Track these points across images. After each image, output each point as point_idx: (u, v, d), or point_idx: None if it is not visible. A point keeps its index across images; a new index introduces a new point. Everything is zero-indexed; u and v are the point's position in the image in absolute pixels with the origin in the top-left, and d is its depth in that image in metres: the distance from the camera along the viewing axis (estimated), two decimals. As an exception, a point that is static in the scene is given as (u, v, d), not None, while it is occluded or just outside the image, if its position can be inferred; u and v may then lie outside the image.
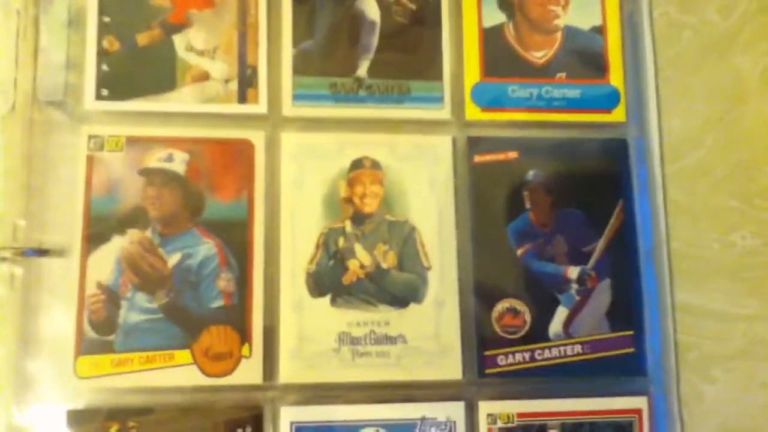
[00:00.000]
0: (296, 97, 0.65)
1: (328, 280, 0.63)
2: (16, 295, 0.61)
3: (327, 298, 0.62)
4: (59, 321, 0.60)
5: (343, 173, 0.65)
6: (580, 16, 0.71)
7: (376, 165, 0.65)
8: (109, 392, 0.59)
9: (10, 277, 0.61)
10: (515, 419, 0.62)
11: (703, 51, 0.73)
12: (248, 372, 0.60)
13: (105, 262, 0.61)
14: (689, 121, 0.72)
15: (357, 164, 0.65)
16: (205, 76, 0.65)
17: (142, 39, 0.65)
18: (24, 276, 0.61)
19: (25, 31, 0.64)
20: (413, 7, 0.68)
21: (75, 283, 0.60)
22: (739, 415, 0.67)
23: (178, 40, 0.65)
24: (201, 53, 0.65)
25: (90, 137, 0.63)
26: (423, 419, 0.61)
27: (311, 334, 0.61)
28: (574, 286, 0.65)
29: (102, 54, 0.64)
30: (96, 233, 0.61)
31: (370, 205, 0.65)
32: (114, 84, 0.63)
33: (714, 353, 0.69)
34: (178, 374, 0.59)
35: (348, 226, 0.64)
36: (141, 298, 0.61)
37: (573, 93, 0.69)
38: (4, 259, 0.61)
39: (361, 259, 0.63)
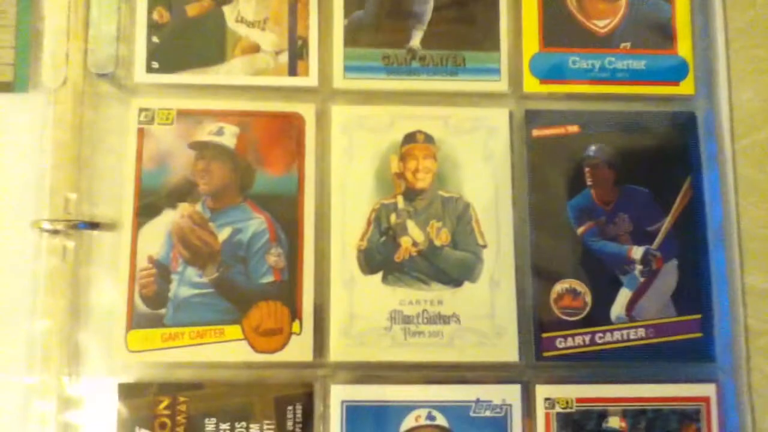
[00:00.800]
0: (347, 69, 0.63)
1: (380, 256, 0.61)
2: (68, 268, 0.61)
3: (378, 276, 0.61)
4: (110, 294, 0.60)
5: (395, 147, 0.63)
6: (645, -17, 0.67)
7: (429, 139, 0.63)
8: (160, 366, 0.59)
9: (62, 249, 0.61)
10: (574, 404, 0.59)
11: (779, 18, 0.68)
12: (298, 349, 0.59)
13: (156, 236, 0.60)
14: (761, 93, 0.68)
15: (409, 138, 0.63)
16: (255, 48, 0.63)
17: (192, 9, 0.63)
18: (75, 249, 0.61)
19: (76, 4, 0.64)
20: (468, -25, 0.66)
21: (126, 256, 0.60)
22: (813, 407, 0.64)
23: (228, 11, 0.64)
24: (251, 24, 0.64)
25: (140, 110, 0.62)
26: (477, 401, 0.59)
27: (362, 312, 0.60)
28: (638, 266, 0.61)
29: (152, 26, 0.63)
30: (146, 207, 0.61)
31: (422, 181, 0.62)
32: (164, 56, 0.63)
33: (787, 340, 0.65)
34: (228, 350, 0.59)
35: (400, 201, 0.62)
36: (191, 273, 0.60)
37: (638, 64, 0.65)
38: (56, 232, 0.61)
39: (413, 235, 0.61)
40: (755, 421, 0.62)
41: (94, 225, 0.61)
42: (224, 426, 0.58)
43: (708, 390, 0.60)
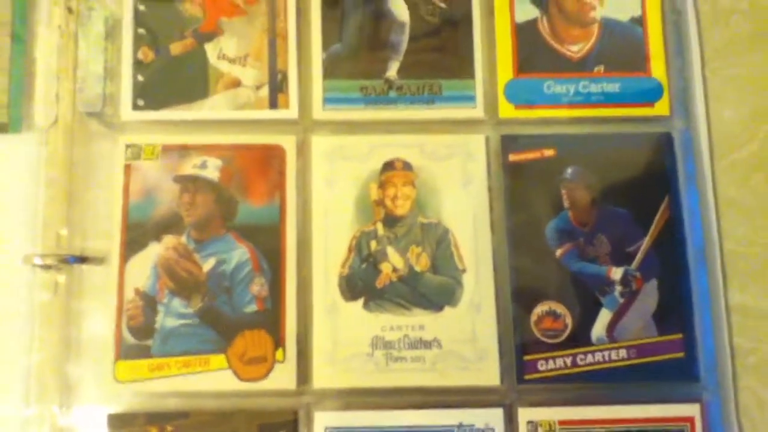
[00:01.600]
0: (327, 101, 0.65)
1: (361, 283, 0.62)
2: (59, 301, 0.63)
3: (360, 302, 0.61)
4: (99, 326, 0.61)
5: (375, 175, 0.64)
6: (618, 7, 0.68)
7: (407, 166, 0.64)
8: (148, 396, 0.60)
9: (54, 284, 0.64)
10: (557, 427, 0.59)
11: (754, 36, 0.69)
12: (282, 376, 0.60)
13: (142, 268, 0.62)
14: (740, 111, 0.68)
15: (388, 166, 0.64)
16: (236, 83, 0.66)
17: (176, 48, 0.66)
18: (66, 283, 0.63)
19: (66, 45, 0.67)
20: (443, 5, 0.67)
21: (114, 289, 0.62)
22: (805, 424, 0.63)
23: (210, 49, 0.66)
24: (232, 61, 0.66)
25: (127, 146, 0.64)
26: (460, 426, 0.59)
27: (345, 338, 0.61)
28: (618, 287, 0.62)
29: (137, 64, 0.66)
30: (133, 240, 0.62)
31: (402, 207, 0.64)
32: (149, 94, 0.65)
33: (775, 358, 0.64)
34: (213, 379, 0.60)
35: (380, 228, 0.63)
36: (177, 304, 0.61)
37: (612, 87, 0.66)
38: (48, 267, 0.63)
39: (393, 262, 0.62)
40: (744, 442, 0.62)
41: (83, 259, 0.63)
42: (210, 454, 0.59)
43: (692, 410, 0.60)
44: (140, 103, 0.65)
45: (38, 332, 0.62)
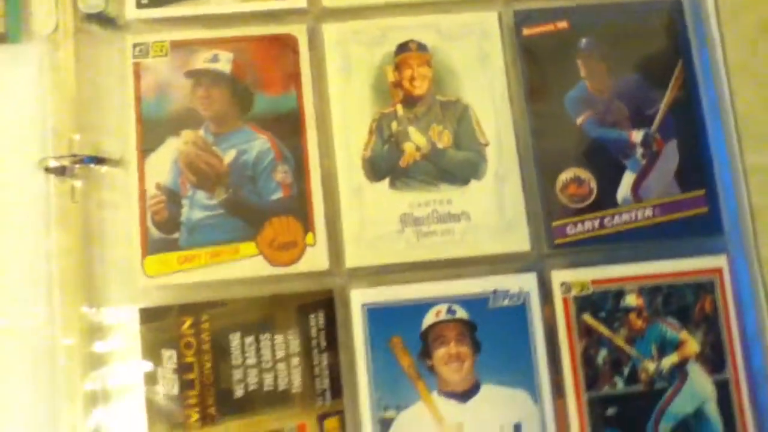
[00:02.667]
0: (335, -14, 0.64)
1: (385, 164, 0.61)
2: (78, 208, 0.62)
3: (386, 182, 0.61)
4: (123, 225, 0.60)
5: (389, 58, 0.63)
6: None
7: (422, 47, 0.64)
8: (180, 288, 0.59)
9: (70, 190, 0.62)
10: (590, 287, 0.60)
11: None
12: (314, 259, 0.60)
13: (162, 164, 0.61)
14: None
15: (402, 48, 0.63)
16: (242, -26, 0.64)
17: (177, -59, 0.64)
18: (84, 187, 0.62)
19: (62, -55, 0.65)
20: None
21: (135, 187, 0.60)
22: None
23: (212, -59, 0.65)
24: (235, -49, 0.65)
25: (134, 45, 0.63)
26: (495, 292, 0.60)
27: (373, 218, 0.60)
28: (640, 149, 0.62)
29: (138, -39, 0.64)
30: (150, 137, 0.61)
31: (420, 87, 0.63)
32: (153, -10, 0.64)
33: (793, 213, 0.66)
34: (245, 266, 0.59)
35: (399, 109, 0.63)
36: (201, 196, 0.60)
37: (619, -44, 0.66)
38: (63, 172, 0.61)
39: (415, 140, 0.62)
40: (768, 294, 0.64)
41: (100, 160, 0.61)
42: (249, 339, 0.58)
43: (719, 261, 0.61)
44: (144, 0, 0.64)
45: (59, 239, 0.61)
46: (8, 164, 0.63)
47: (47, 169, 0.61)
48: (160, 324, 0.58)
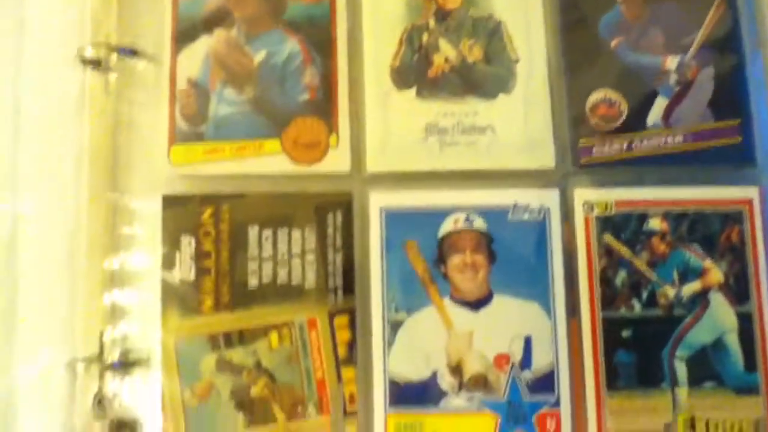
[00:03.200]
0: None
1: (413, 73, 0.61)
2: (111, 100, 0.64)
3: (413, 91, 0.61)
4: (153, 117, 0.62)
5: (424, -28, 0.64)
6: None
7: (458, -38, 0.64)
8: (203, 179, 0.60)
9: (105, 82, 0.64)
10: (613, 208, 0.59)
11: None
12: (336, 161, 0.60)
13: (194, 59, 0.62)
14: None
15: (438, -38, 0.64)
16: None
17: None
18: (118, 81, 0.64)
19: None
20: None
21: (166, 81, 0.62)
22: None
23: None
24: None
25: (174, -55, 0.65)
26: (515, 205, 0.59)
27: (398, 126, 0.60)
28: (674, 76, 0.61)
29: None
30: (184, 33, 0.62)
31: (453, 2, 0.63)
32: None
33: (830, 155, 0.64)
34: (267, 162, 0.60)
35: (431, 22, 0.63)
36: (229, 93, 0.61)
37: None
38: (98, 64, 0.63)
39: (445, 52, 0.62)
40: (799, 231, 0.62)
41: (135, 52, 0.63)
42: (266, 233, 0.59)
43: (751, 192, 0.59)
44: None
45: (92, 129, 0.62)
46: (47, 55, 0.65)
47: (84, 61, 0.64)
48: (182, 211, 0.59)
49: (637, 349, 0.57)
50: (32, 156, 0.63)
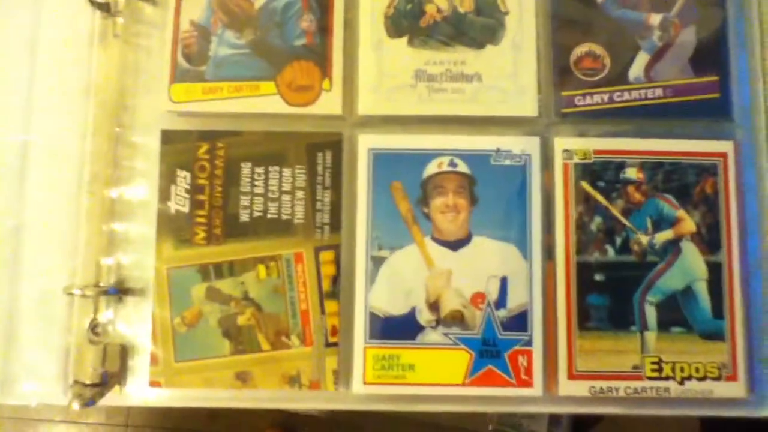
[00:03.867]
0: None
1: (406, 22, 0.64)
2: (118, 42, 0.66)
3: (404, 39, 0.64)
4: (157, 57, 0.65)
5: (422, -73, 0.66)
6: None
7: None
8: (200, 117, 0.63)
9: (113, 24, 0.67)
10: (592, 155, 0.61)
11: None
12: (329, 103, 0.63)
13: (197, 3, 0.64)
14: None
15: None
16: None
17: None
18: (125, 23, 0.66)
19: None
20: None
21: (170, 22, 0.64)
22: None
23: None
24: None
25: None
26: (498, 151, 0.61)
27: (389, 71, 0.63)
28: (657, 32, 0.63)
29: None
30: (189, -21, 0.66)
31: (447, -44, 0.66)
32: None
33: (809, 115, 0.65)
34: (263, 102, 0.62)
35: (426, -26, 0.65)
36: (230, 35, 0.64)
37: None
38: (107, 8, 0.66)
39: (438, 3, 0.64)
40: (775, 188, 0.64)
41: (141, -5, 0.66)
42: (259, 169, 0.62)
43: (726, 146, 0.61)
44: None
45: (100, 69, 0.65)
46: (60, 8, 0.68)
47: (93, 3, 0.66)
48: (179, 146, 0.62)
49: (609, 293, 0.60)
50: (44, 91, 0.66)
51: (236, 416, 1.53)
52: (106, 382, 0.62)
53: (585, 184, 0.61)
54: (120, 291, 0.63)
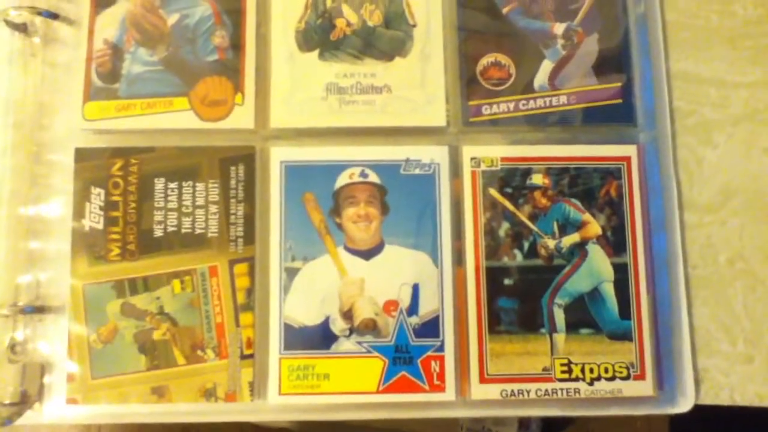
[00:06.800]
0: None
1: (317, 36, 0.65)
2: (35, 61, 0.67)
3: (315, 53, 0.65)
4: (70, 76, 0.65)
5: (332, -57, 0.67)
6: None
7: (363, -66, 0.68)
8: (114, 134, 0.64)
9: (30, 44, 0.67)
10: (499, 163, 0.62)
11: None
12: (241, 118, 0.63)
13: (111, 22, 0.65)
14: None
15: (345, -67, 0.68)
16: None
17: None
18: (41, 43, 0.67)
19: None
20: None
21: (84, 40, 0.65)
22: (741, 177, 0.66)
23: None
24: None
25: None
26: (407, 160, 0.63)
27: (301, 85, 0.64)
28: (561, 41, 0.65)
29: None
30: (103, -1, 0.66)
31: (357, -30, 0.67)
32: None
33: (714, 119, 0.67)
34: (176, 118, 0.63)
35: (336, -11, 0.67)
36: (143, 53, 0.65)
37: None
38: (24, 28, 0.66)
39: (347, 17, 0.66)
40: (681, 192, 0.65)
41: (56, 15, 0.66)
42: (172, 185, 0.62)
43: (629, 150, 0.63)
44: None
45: (17, 88, 0.65)
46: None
47: (9, 23, 0.67)
48: (93, 164, 0.63)
49: (518, 296, 0.61)
50: (-40, 112, 0.67)
51: (209, 429, 1.53)
52: (24, 401, 0.62)
53: (493, 191, 0.62)
54: (37, 309, 0.63)
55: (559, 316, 0.61)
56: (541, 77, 0.64)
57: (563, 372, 0.60)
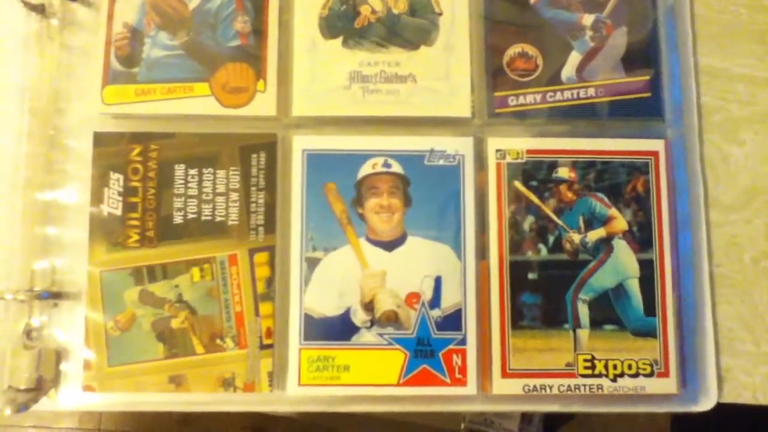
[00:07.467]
0: None
1: (340, 23, 0.64)
2: (53, 44, 0.66)
3: (339, 40, 0.64)
4: (88, 59, 0.64)
5: (358, -72, 0.66)
6: None
7: None
8: (134, 119, 0.63)
9: (48, 26, 0.66)
10: (525, 155, 0.61)
11: None
12: (263, 105, 0.62)
13: (131, 5, 0.64)
14: None
15: None
16: None
17: None
18: (59, 25, 0.66)
19: None
20: None
21: (104, 23, 0.64)
22: (767, 176, 0.65)
23: None
24: None
25: None
26: (432, 151, 0.62)
27: (324, 73, 0.63)
28: (589, 32, 0.64)
29: None
30: (123, -20, 0.65)
31: (383, -43, 0.66)
32: None
33: (741, 116, 0.66)
34: (197, 104, 0.62)
35: (361, -24, 0.65)
36: (163, 37, 0.64)
37: None
38: (42, 9, 0.65)
39: (372, 4, 0.64)
40: (706, 189, 0.64)
41: (74, -3, 0.66)
42: (192, 171, 0.61)
43: (657, 145, 0.62)
44: None
45: (35, 71, 0.64)
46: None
47: (27, 5, 0.66)
48: (111, 149, 0.62)
49: (542, 292, 0.60)
50: (-23, 94, 0.65)
51: (208, 420, 1.53)
52: (40, 387, 0.61)
53: (517, 184, 0.61)
54: (53, 295, 0.62)
55: (583, 312, 0.60)
56: (568, 69, 0.63)
57: (586, 368, 0.59)
